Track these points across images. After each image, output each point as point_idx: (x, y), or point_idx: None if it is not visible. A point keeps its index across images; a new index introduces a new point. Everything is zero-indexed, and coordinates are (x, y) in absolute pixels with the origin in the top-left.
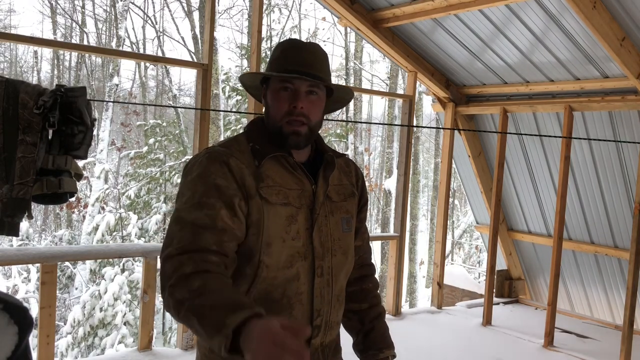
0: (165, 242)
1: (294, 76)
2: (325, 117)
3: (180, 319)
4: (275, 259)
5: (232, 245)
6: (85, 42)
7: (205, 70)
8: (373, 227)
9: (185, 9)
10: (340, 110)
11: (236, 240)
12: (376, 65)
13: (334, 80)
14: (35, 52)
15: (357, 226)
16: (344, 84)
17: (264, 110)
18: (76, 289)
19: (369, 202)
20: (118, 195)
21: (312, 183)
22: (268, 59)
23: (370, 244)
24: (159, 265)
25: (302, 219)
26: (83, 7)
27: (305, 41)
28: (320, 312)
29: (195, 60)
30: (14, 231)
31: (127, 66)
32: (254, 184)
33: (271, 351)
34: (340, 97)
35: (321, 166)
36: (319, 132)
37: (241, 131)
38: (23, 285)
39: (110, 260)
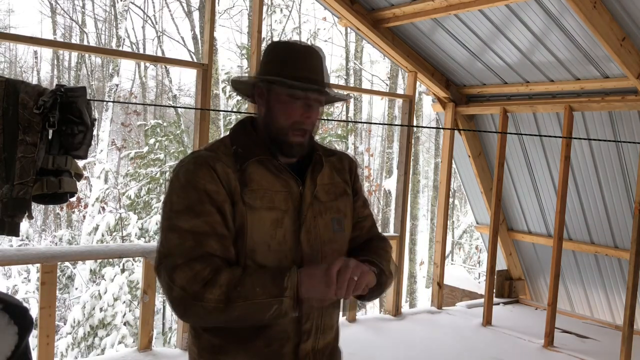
0: (161, 251)
1: (314, 88)
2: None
3: (226, 315)
4: (260, 265)
5: (233, 250)
6: (85, 42)
7: (205, 70)
8: None
9: (185, 9)
10: (340, 111)
11: (232, 245)
12: (376, 65)
13: (334, 80)
14: (35, 52)
15: (354, 218)
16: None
17: (264, 110)
18: (76, 289)
19: (368, 201)
20: (118, 196)
21: (299, 184)
22: (262, 58)
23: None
24: None
25: (288, 223)
26: (83, 7)
27: (303, 44)
28: (310, 316)
29: (195, 60)
30: (14, 231)
31: (127, 66)
32: (238, 189)
33: (320, 285)
34: (330, 99)
35: (310, 166)
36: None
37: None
38: (23, 285)
39: (110, 260)
